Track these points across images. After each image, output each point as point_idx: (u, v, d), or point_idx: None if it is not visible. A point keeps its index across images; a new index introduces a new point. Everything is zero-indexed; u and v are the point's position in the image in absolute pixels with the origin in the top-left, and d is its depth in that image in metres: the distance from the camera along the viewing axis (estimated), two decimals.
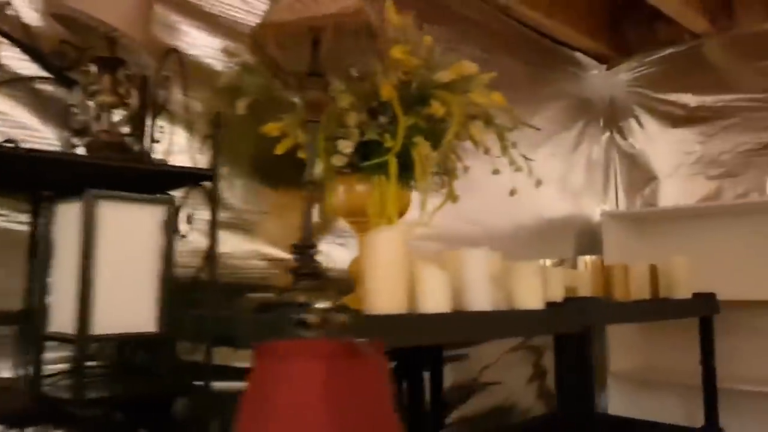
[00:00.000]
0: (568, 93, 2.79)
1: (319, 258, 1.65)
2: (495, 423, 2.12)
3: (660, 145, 2.82)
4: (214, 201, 1.07)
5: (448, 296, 1.24)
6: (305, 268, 1.13)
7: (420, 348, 1.84)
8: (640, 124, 2.89)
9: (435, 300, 1.21)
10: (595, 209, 2.82)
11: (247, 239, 1.53)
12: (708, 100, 2.67)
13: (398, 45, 1.40)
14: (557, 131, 2.70)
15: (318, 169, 1.40)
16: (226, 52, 1.53)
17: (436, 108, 1.41)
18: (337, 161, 1.36)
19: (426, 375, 1.87)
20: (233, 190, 1.53)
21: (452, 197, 1.64)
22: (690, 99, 2.72)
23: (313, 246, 1.16)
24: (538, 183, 1.63)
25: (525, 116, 2.52)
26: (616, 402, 2.63)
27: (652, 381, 2.57)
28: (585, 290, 1.77)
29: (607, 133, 2.97)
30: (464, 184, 2.04)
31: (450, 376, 2.04)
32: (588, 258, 1.87)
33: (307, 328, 0.67)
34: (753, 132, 2.53)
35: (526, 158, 1.64)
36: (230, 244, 1.48)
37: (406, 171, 1.41)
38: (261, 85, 1.45)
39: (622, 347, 2.65)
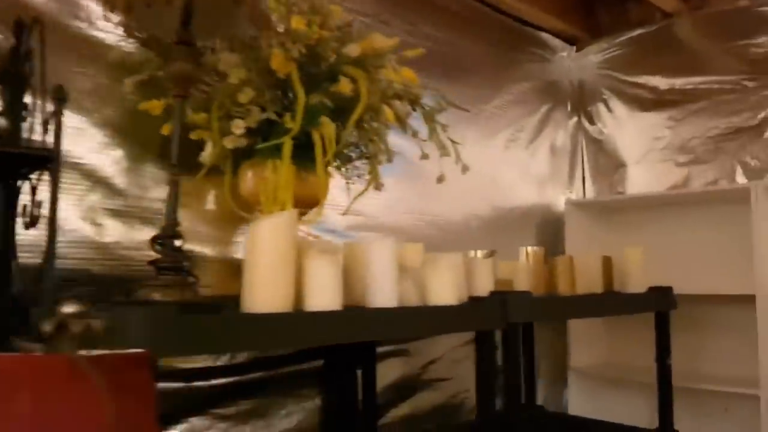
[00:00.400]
0: (532, 75, 2.65)
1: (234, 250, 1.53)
2: (437, 422, 2.00)
3: (629, 130, 2.68)
4: (54, 185, 0.96)
5: (339, 292, 1.11)
6: (166, 260, 1.02)
7: (350, 344, 1.73)
8: (608, 108, 2.75)
9: (323, 296, 1.09)
10: (559, 198, 2.69)
11: (143, 228, 1.41)
12: (678, 82, 2.53)
13: (300, 15, 1.27)
14: (520, 115, 2.57)
15: (208, 151, 1.28)
16: (122, 25, 1.41)
17: (344, 85, 1.29)
18: (229, 143, 1.24)
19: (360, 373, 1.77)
20: (129, 176, 1.41)
21: (376, 183, 1.52)
22: (660, 81, 2.58)
23: (175, 236, 1.05)
24: (465, 169, 1.50)
25: (483, 99, 2.42)
26: (577, 400, 2.51)
27: (613, 378, 2.45)
28: (523, 284, 1.65)
29: (575, 118, 2.83)
30: (411, 172, 1.92)
31: (391, 373, 1.93)
32: (530, 249, 1.74)
33: (38, 338, 0.56)
34: (723, 116, 2.39)
35: (453, 142, 1.51)
36: (121, 232, 1.36)
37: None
38: (158, 61, 1.33)
39: (584, 343, 2.53)
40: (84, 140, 1.34)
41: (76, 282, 1.27)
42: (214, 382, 1.50)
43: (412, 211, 2.07)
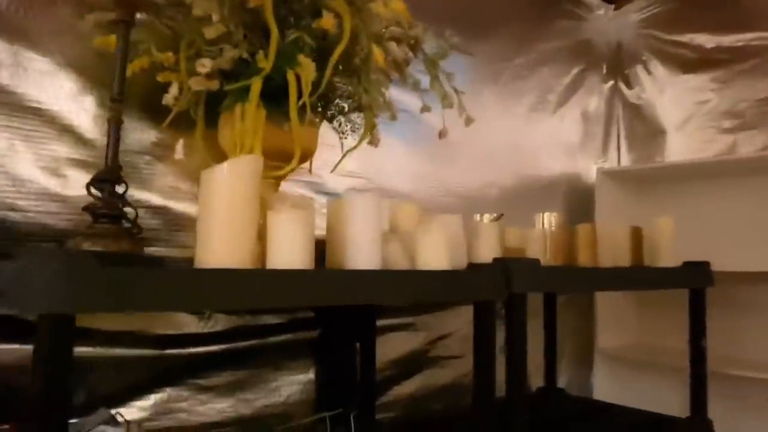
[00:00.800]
0: (563, 34, 2.44)
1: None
2: (445, 403, 1.86)
3: (669, 93, 2.46)
4: None
5: (309, 251, 0.98)
6: (104, 207, 0.90)
7: (347, 314, 1.60)
8: (648, 70, 2.53)
9: (288, 254, 0.96)
10: (591, 167, 2.49)
11: None
12: (726, 40, 2.29)
13: None
14: (548, 77, 2.37)
15: (172, 93, 1.15)
16: None
17: (327, 20, 1.14)
18: (196, 84, 1.11)
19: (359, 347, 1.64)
20: (101, 124, 1.29)
21: (371, 138, 1.37)
22: (705, 39, 2.35)
23: (116, 180, 0.93)
24: (469, 121, 1.35)
25: (504, 56, 2.22)
26: (603, 383, 2.34)
27: (643, 361, 2.27)
28: (537, 253, 1.49)
29: (611, 82, 2.61)
30: (424, 134, 1.76)
31: (394, 348, 1.80)
32: (546, 216, 1.58)
33: None
34: None
35: (457, 91, 1.36)
36: None
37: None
38: None
39: (613, 322, 2.35)
40: (49, 84, 1.24)
41: (36, 236, 1.18)
42: (193, 350, 1.39)
43: (424, 177, 1.92)
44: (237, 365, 1.46)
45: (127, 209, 0.96)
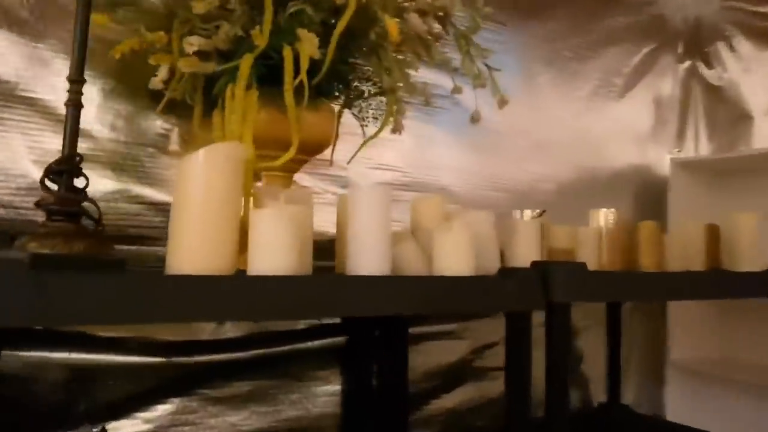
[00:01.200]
0: (630, 9, 2.18)
1: None
2: (491, 418, 1.69)
3: (757, 73, 2.16)
4: None
5: (300, 253, 0.84)
6: (57, 203, 0.79)
7: (376, 320, 1.46)
8: (731, 47, 2.24)
9: (270, 257, 0.82)
10: (664, 157, 2.23)
11: (115, 177, 1.21)
12: None
13: None
14: (614, 57, 2.13)
15: (161, 76, 1.04)
16: None
17: None
18: (186, 65, 0.99)
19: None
20: (101, 115, 1.21)
21: (395, 125, 1.22)
22: None
23: (74, 172, 0.82)
24: (503, 103, 1.17)
25: (563, 34, 2.00)
26: (677, 401, 2.08)
27: (723, 377, 2.00)
28: (589, 256, 1.29)
29: (687, 62, 2.33)
30: (465, 122, 1.60)
31: (433, 357, 1.64)
32: (602, 212, 1.37)
33: None
34: None
35: (490, 68, 1.18)
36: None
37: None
38: None
39: (689, 332, 2.09)
40: (45, 72, 1.16)
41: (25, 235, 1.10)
42: (203, 357, 1.29)
43: (468, 169, 1.74)
44: (253, 375, 1.34)
45: (89, 205, 0.85)
